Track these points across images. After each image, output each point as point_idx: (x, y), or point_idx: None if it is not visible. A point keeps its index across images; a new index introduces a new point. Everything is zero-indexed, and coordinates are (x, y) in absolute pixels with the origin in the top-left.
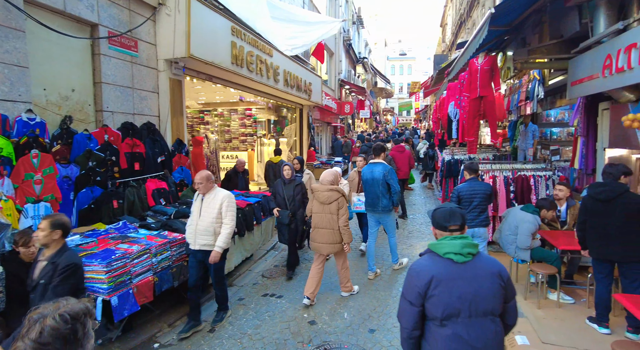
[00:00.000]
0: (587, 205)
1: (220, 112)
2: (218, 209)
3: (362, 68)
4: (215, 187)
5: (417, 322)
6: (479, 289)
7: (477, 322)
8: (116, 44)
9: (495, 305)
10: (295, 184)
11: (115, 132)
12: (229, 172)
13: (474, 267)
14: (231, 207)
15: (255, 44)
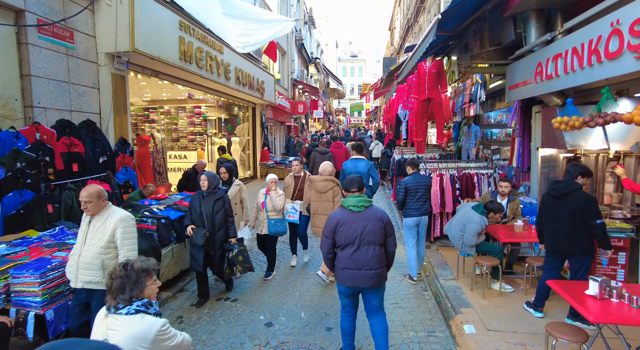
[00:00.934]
0: (544, 201)
1: (167, 110)
2: (110, 236)
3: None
4: (110, 207)
5: (330, 249)
6: (366, 227)
7: (363, 248)
8: (48, 34)
9: (377, 238)
10: (216, 198)
11: (48, 130)
12: (188, 171)
13: (365, 214)
14: (129, 234)
15: (205, 40)
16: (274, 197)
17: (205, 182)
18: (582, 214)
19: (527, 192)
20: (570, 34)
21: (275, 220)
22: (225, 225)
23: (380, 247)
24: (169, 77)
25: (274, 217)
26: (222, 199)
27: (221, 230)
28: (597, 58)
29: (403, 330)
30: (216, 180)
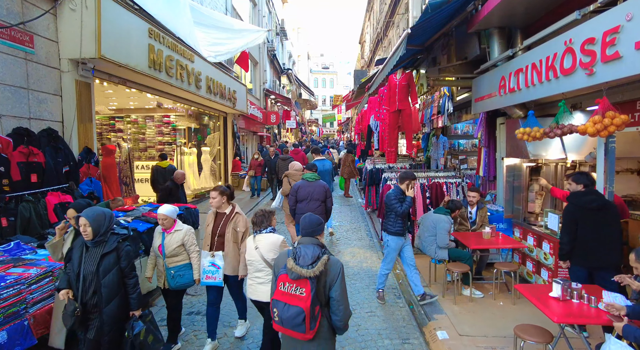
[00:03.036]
0: (577, 215)
1: (134, 119)
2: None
3: (287, 79)
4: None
5: (293, 204)
6: (314, 190)
7: (312, 202)
8: (4, 37)
9: (321, 196)
10: (104, 252)
11: (4, 139)
12: (168, 185)
13: (315, 183)
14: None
15: (175, 48)
16: (173, 237)
17: (87, 229)
18: (617, 225)
19: (493, 200)
20: (530, 50)
21: (178, 267)
22: (120, 293)
23: (322, 202)
24: (137, 85)
25: (174, 264)
26: (115, 251)
27: (113, 302)
28: (553, 73)
29: (378, 339)
30: (107, 221)
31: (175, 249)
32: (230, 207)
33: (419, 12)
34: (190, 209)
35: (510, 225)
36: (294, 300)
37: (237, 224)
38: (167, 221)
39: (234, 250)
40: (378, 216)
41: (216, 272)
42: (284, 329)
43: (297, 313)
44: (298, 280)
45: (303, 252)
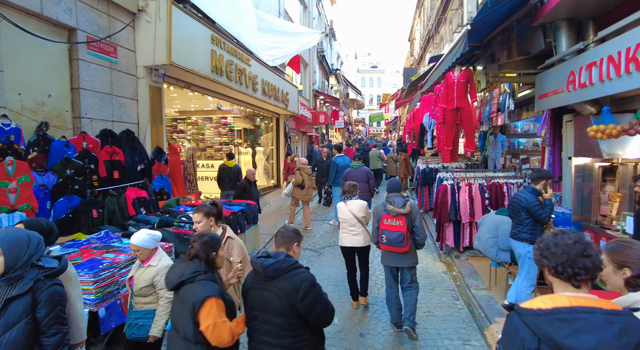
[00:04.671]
0: None
1: (194, 121)
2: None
3: (335, 79)
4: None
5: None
6: (359, 174)
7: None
8: (95, 50)
9: (364, 178)
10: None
11: (94, 140)
12: (242, 182)
13: (359, 169)
14: None
15: (235, 53)
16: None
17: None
18: None
19: (559, 202)
20: (605, 42)
21: (141, 313)
22: None
23: (365, 182)
24: (200, 88)
25: (139, 307)
26: (29, 294)
27: None
28: (635, 66)
29: (438, 339)
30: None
31: (143, 289)
32: (220, 231)
33: (474, 7)
34: (250, 205)
35: (579, 228)
36: (395, 228)
37: (230, 251)
38: (141, 253)
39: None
40: (433, 217)
41: None
42: (389, 247)
43: (398, 235)
44: (397, 216)
45: (396, 200)
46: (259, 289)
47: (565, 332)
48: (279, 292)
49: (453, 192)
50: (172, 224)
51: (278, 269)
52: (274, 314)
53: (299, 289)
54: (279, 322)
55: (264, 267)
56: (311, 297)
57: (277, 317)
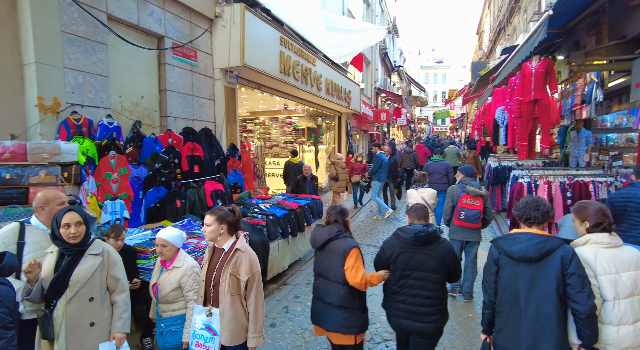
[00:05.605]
0: None
1: (262, 121)
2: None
3: (397, 77)
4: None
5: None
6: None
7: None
8: (179, 54)
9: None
10: None
11: (177, 136)
12: (297, 178)
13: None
14: None
15: (301, 53)
16: (169, 276)
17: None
18: None
19: None
20: None
21: (171, 320)
22: None
23: (444, 175)
24: (269, 89)
25: (168, 314)
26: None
27: None
28: None
29: None
30: None
31: (170, 293)
32: (231, 241)
33: None
34: (316, 199)
35: None
36: (474, 206)
37: (238, 266)
38: (167, 250)
39: (232, 308)
40: (507, 217)
41: (210, 340)
42: (465, 223)
43: (476, 213)
44: (476, 197)
45: (473, 183)
46: (411, 252)
47: (508, 244)
48: (435, 254)
49: (530, 191)
50: (246, 215)
51: (433, 237)
52: (431, 272)
53: (450, 252)
54: (435, 277)
55: (419, 236)
56: (456, 258)
57: (434, 274)
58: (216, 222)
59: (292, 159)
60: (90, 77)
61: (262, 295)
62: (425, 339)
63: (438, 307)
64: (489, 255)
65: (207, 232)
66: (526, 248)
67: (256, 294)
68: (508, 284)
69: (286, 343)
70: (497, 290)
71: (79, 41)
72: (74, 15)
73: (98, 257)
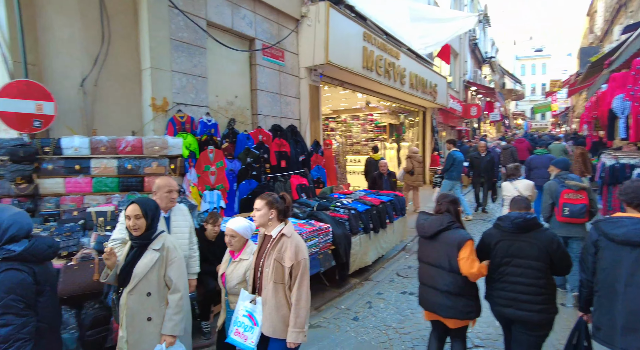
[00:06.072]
0: None
1: (343, 119)
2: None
3: (489, 68)
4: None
5: (528, 171)
6: (542, 161)
7: (542, 170)
8: (268, 55)
9: (546, 164)
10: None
11: (267, 133)
12: (374, 174)
13: (542, 156)
14: None
15: (384, 48)
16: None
17: None
18: None
19: None
20: None
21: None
22: None
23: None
24: (351, 85)
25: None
26: None
27: None
28: None
29: None
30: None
31: (237, 286)
32: (280, 227)
33: None
34: (398, 196)
35: None
36: (578, 201)
37: (282, 252)
38: (236, 240)
39: (274, 297)
40: None
41: (250, 329)
42: (570, 218)
43: (581, 207)
44: (579, 191)
45: (574, 177)
46: (510, 240)
47: (610, 227)
48: (536, 242)
49: None
50: (328, 208)
51: (531, 224)
52: (532, 259)
53: (553, 241)
54: (537, 265)
55: (516, 223)
56: (562, 249)
57: (535, 262)
58: (266, 207)
59: (373, 155)
60: (192, 79)
61: (307, 287)
62: (529, 330)
63: (543, 296)
64: (588, 238)
65: (256, 216)
66: (630, 232)
67: (300, 283)
68: (607, 265)
69: (369, 338)
70: (595, 270)
71: (183, 46)
72: (180, 23)
73: (157, 253)
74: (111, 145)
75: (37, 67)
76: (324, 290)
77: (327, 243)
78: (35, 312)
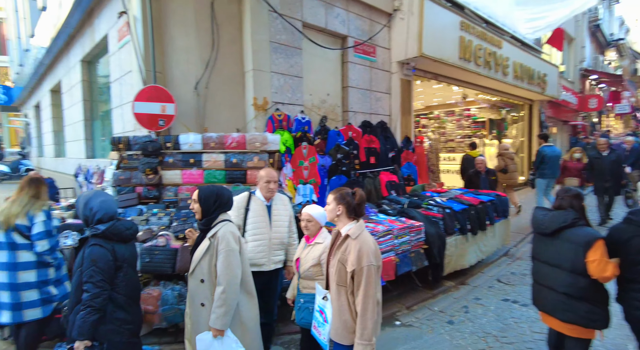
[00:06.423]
0: None
1: (435, 115)
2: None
3: (616, 53)
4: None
5: None
6: None
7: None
8: (359, 52)
9: None
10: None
11: (357, 129)
12: (470, 172)
13: None
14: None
15: (484, 36)
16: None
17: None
18: None
19: None
20: None
21: (309, 296)
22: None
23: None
24: (446, 78)
25: (306, 291)
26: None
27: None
28: None
29: None
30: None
31: (310, 269)
32: (348, 226)
33: None
34: (501, 196)
35: None
36: None
37: (346, 254)
38: (312, 225)
39: (337, 300)
40: None
41: (322, 325)
42: None
43: None
44: None
45: None
46: None
47: None
48: None
49: None
50: (420, 206)
51: None
52: None
53: None
54: None
55: None
56: None
57: None
58: (334, 202)
59: (470, 152)
60: (288, 79)
61: (373, 296)
62: None
63: None
64: None
65: (327, 210)
66: None
67: (365, 292)
68: None
69: (466, 343)
70: None
71: (281, 48)
72: (279, 26)
73: (208, 241)
74: (219, 141)
75: (162, 74)
76: (416, 290)
77: (420, 242)
78: (113, 286)
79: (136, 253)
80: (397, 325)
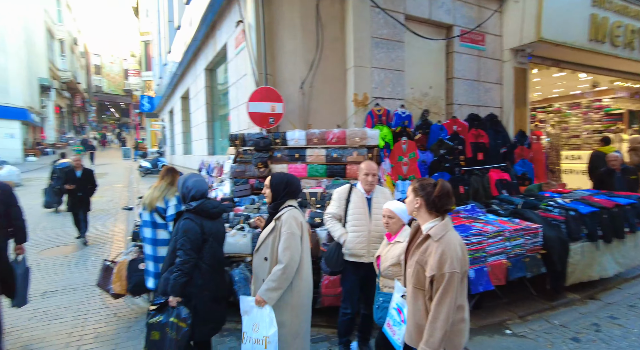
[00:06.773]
0: None
1: (556, 108)
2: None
3: None
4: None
5: None
6: None
7: None
8: (466, 41)
9: None
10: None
11: (462, 123)
12: (601, 171)
13: None
14: None
15: (625, 10)
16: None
17: None
18: None
19: None
20: None
21: (389, 296)
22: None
23: None
24: (570, 65)
25: (386, 290)
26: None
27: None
28: None
29: None
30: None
31: (390, 268)
32: (431, 224)
33: None
34: None
35: None
36: None
37: (426, 256)
38: (394, 222)
39: (413, 303)
40: None
41: (398, 325)
42: None
43: None
44: None
45: None
46: None
47: None
48: None
49: None
50: (538, 207)
51: None
52: None
53: None
54: None
55: None
56: None
57: None
58: (412, 194)
59: (601, 148)
60: (389, 73)
61: (449, 306)
62: None
63: None
64: None
65: (406, 203)
66: None
67: (441, 299)
68: None
69: None
70: None
71: (382, 43)
72: (380, 21)
73: (274, 222)
74: (321, 136)
75: (273, 76)
76: (530, 298)
77: (536, 246)
78: (200, 255)
79: (223, 229)
80: (508, 335)
